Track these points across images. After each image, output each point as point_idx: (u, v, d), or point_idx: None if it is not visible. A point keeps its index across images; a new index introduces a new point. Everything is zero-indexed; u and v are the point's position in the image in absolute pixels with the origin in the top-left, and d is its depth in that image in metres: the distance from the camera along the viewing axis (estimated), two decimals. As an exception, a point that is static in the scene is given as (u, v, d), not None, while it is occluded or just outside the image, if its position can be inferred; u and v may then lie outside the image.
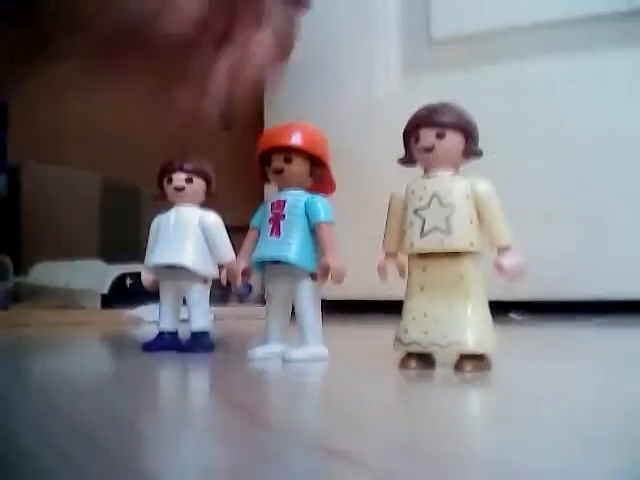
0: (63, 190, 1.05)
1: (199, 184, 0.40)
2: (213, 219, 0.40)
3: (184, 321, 0.40)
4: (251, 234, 0.36)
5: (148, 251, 0.40)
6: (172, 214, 0.40)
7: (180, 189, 0.39)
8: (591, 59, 0.72)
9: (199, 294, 0.40)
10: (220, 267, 0.40)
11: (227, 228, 0.40)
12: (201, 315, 0.40)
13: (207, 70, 0.37)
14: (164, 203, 0.41)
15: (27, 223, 1.01)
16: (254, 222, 0.36)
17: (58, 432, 0.20)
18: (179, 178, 0.39)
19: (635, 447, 0.18)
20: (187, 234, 0.39)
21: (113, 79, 0.39)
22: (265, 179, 0.36)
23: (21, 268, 0.84)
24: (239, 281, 0.37)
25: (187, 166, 0.39)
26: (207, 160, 0.40)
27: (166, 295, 0.40)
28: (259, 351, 0.35)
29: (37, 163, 1.05)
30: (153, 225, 0.41)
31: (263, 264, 0.36)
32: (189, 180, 0.39)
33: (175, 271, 0.39)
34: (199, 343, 0.39)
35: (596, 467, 0.16)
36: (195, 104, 0.38)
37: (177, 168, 0.39)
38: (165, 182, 0.40)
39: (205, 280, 0.40)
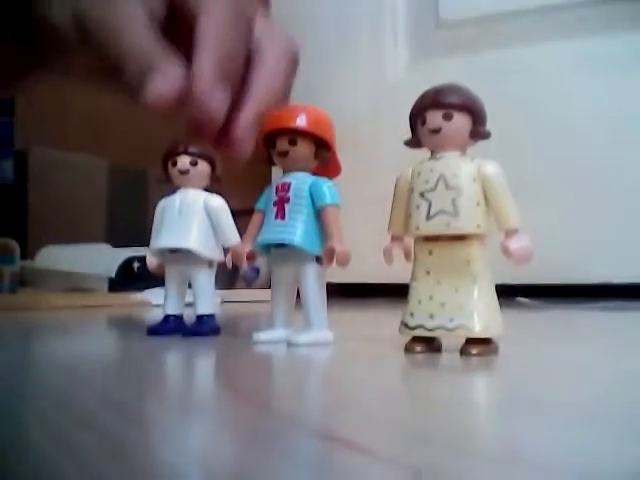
0: (70, 174, 1.05)
1: (204, 167, 0.40)
2: (218, 202, 0.40)
3: (189, 305, 0.40)
4: (256, 217, 0.36)
5: (153, 234, 0.40)
6: (177, 197, 0.40)
7: (185, 172, 0.39)
8: (602, 41, 0.71)
9: (204, 278, 0.40)
10: (225, 250, 0.39)
11: (234, 211, 0.40)
12: (206, 298, 0.39)
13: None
14: (169, 186, 0.40)
15: (34, 207, 1.02)
16: (259, 205, 0.36)
17: (62, 418, 0.20)
18: (184, 161, 0.39)
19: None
20: (192, 217, 0.39)
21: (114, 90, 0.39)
22: (269, 162, 0.36)
23: (28, 252, 0.85)
24: (244, 264, 0.36)
25: (192, 149, 0.39)
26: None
27: (171, 279, 0.40)
28: (263, 335, 0.35)
29: (44, 148, 1.05)
30: (158, 208, 0.40)
31: (268, 247, 0.36)
32: (194, 163, 0.39)
33: (180, 255, 0.39)
34: (205, 327, 0.39)
35: (604, 450, 0.15)
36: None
37: (182, 151, 0.39)
38: (170, 165, 0.39)
39: (210, 264, 0.40)
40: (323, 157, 0.35)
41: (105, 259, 0.76)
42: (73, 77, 0.40)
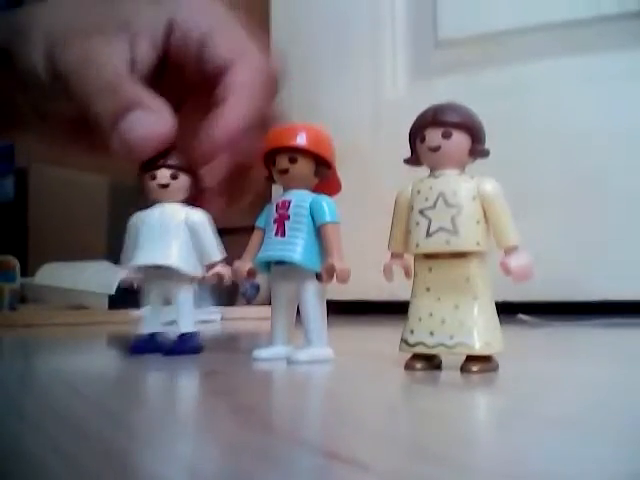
0: (70, 192, 1.05)
1: (184, 180, 0.38)
2: (200, 217, 0.38)
3: (170, 323, 0.40)
4: (256, 234, 0.36)
5: (129, 250, 0.38)
6: (156, 212, 0.38)
7: (165, 186, 0.37)
8: (600, 60, 0.71)
9: (186, 295, 0.38)
10: (208, 267, 0.38)
11: (231, 229, 0.39)
12: (188, 316, 0.38)
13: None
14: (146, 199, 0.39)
15: (34, 225, 1.02)
16: (259, 222, 0.36)
17: (60, 433, 0.20)
18: (163, 175, 0.37)
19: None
20: (173, 233, 0.37)
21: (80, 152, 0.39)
22: (269, 179, 0.36)
23: (28, 269, 0.85)
24: (244, 281, 0.36)
25: (171, 161, 0.37)
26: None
27: (151, 296, 0.39)
28: (263, 352, 0.35)
29: (44, 165, 1.06)
30: (131, 224, 0.39)
31: (268, 264, 0.36)
32: (174, 176, 0.37)
33: (161, 271, 0.38)
34: (187, 345, 0.38)
35: (604, 468, 0.15)
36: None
37: (161, 164, 0.37)
38: (148, 178, 0.38)
39: (192, 280, 0.38)
40: (323, 175, 0.35)
41: (105, 276, 0.76)
42: (41, 134, 0.39)
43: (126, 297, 0.74)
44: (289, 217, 0.34)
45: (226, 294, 0.80)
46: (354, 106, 0.85)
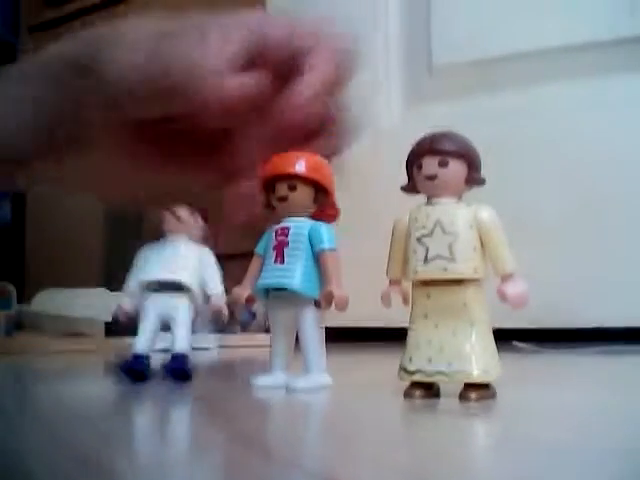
0: (67, 216, 1.06)
1: (198, 221, 0.41)
2: (210, 256, 0.41)
3: (163, 351, 0.40)
4: (255, 261, 0.36)
5: (137, 271, 0.40)
6: (168, 244, 0.40)
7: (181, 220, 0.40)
8: (593, 85, 0.72)
9: (184, 315, 0.39)
10: (207, 298, 0.40)
11: (229, 255, 0.40)
12: (185, 336, 0.39)
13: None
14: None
15: (31, 250, 1.02)
16: (258, 249, 0.36)
17: (58, 458, 0.20)
18: (185, 213, 0.40)
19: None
20: (184, 257, 0.40)
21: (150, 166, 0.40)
22: (268, 207, 0.36)
23: (25, 296, 0.84)
24: (242, 308, 0.36)
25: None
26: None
27: (149, 315, 0.39)
28: (262, 380, 0.35)
29: (42, 189, 1.06)
30: (141, 253, 0.41)
31: (267, 291, 0.36)
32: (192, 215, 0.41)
33: (164, 290, 0.39)
34: (178, 366, 0.38)
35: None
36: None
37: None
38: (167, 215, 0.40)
39: (192, 300, 0.40)
40: (322, 202, 0.36)
41: (102, 303, 0.75)
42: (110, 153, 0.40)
43: (123, 324, 0.74)
44: (288, 244, 0.35)
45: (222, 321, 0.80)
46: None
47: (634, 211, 0.69)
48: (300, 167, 0.34)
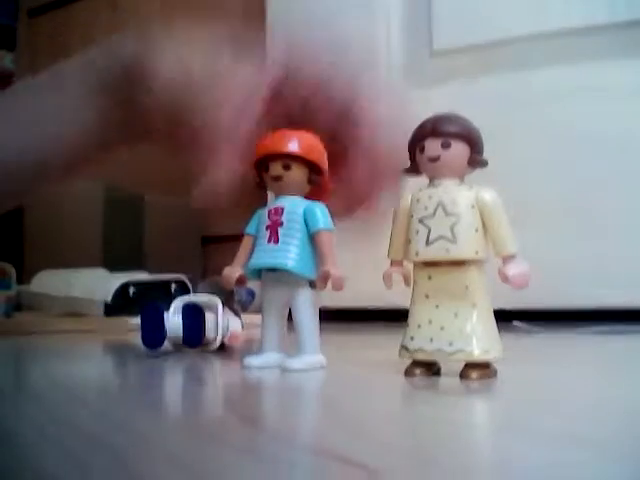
0: (66, 199, 1.05)
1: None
2: None
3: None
4: (246, 241, 0.35)
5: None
6: None
7: None
8: (593, 69, 0.72)
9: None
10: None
11: (220, 237, 0.40)
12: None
13: None
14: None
15: (31, 232, 1.02)
16: (249, 229, 0.36)
17: (57, 436, 0.20)
18: None
19: (637, 452, 0.18)
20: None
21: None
22: (260, 186, 0.36)
23: (24, 276, 0.85)
24: (238, 288, 0.36)
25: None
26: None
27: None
28: (254, 360, 0.35)
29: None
30: None
31: (259, 271, 0.35)
32: None
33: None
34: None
35: (599, 474, 0.16)
36: None
37: None
38: None
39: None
40: (316, 182, 0.35)
41: (101, 284, 0.76)
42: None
43: (122, 304, 0.74)
44: (282, 224, 0.34)
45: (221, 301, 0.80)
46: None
47: (634, 193, 0.70)
48: (295, 146, 0.34)
